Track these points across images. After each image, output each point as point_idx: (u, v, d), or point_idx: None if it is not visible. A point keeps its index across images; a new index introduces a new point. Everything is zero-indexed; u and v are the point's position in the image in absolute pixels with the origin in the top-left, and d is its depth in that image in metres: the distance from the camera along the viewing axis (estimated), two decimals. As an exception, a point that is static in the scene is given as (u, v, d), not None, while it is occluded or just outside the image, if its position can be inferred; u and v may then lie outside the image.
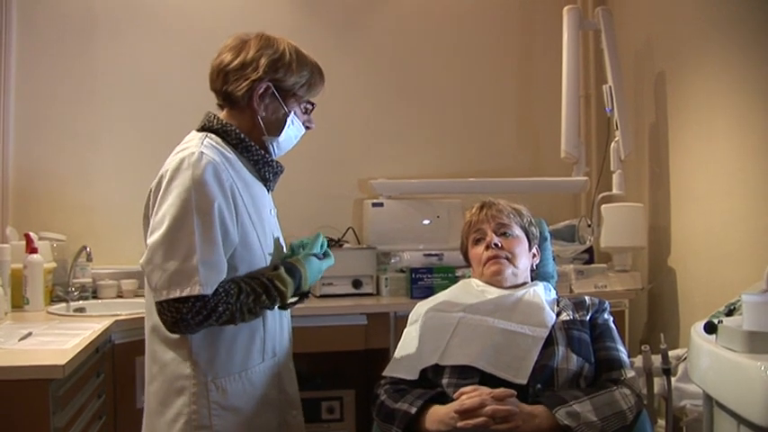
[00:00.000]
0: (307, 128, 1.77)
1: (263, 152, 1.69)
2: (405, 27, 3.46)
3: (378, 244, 3.10)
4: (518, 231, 2.03)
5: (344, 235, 3.24)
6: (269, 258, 1.68)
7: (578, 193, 3.51)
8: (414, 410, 1.67)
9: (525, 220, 2.07)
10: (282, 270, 1.63)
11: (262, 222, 1.67)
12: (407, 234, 3.17)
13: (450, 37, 3.50)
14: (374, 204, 3.19)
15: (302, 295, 1.72)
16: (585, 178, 3.30)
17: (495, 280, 1.97)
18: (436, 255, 2.97)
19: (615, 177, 3.17)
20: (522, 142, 3.58)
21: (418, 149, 3.45)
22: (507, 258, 1.97)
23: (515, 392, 1.64)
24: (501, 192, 2.80)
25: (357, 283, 2.94)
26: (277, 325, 1.73)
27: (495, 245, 1.98)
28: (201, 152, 1.56)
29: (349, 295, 2.92)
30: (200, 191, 1.52)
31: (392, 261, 3.04)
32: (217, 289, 1.52)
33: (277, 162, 1.74)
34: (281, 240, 1.80)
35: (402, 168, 3.39)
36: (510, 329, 1.79)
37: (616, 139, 3.16)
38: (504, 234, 2.01)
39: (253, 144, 1.67)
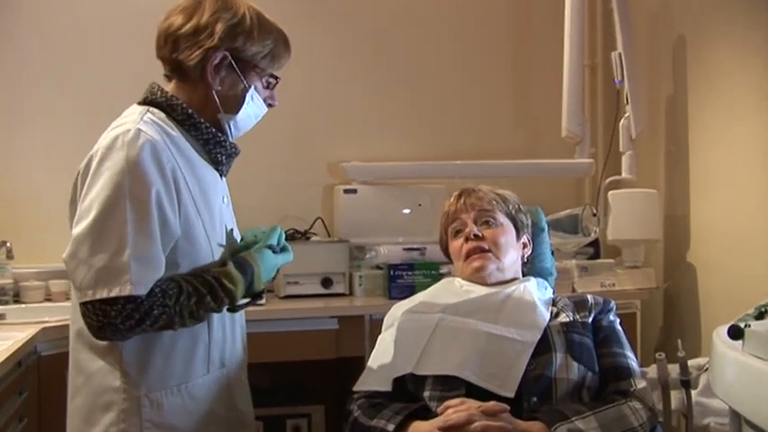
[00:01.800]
0: (269, 105, 1.76)
1: (213, 130, 1.67)
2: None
3: (350, 236, 3.10)
4: (503, 219, 2.04)
5: (312, 226, 3.23)
6: (218, 253, 1.66)
7: (582, 177, 3.51)
8: (391, 427, 1.66)
9: (511, 207, 2.08)
10: (231, 266, 1.62)
11: (210, 211, 1.65)
12: (385, 225, 3.17)
13: (434, -2, 3.51)
14: (346, 191, 3.19)
15: (255, 296, 1.71)
16: (590, 160, 3.31)
17: (477, 277, 1.98)
18: (418, 249, 2.98)
19: (625, 159, 3.17)
20: (517, 119, 3.58)
21: (397, 129, 3.45)
22: (490, 251, 1.98)
23: (508, 407, 1.63)
24: (492, 176, 2.79)
25: (327, 282, 2.94)
26: (227, 330, 1.71)
27: (475, 235, 1.98)
28: (139, 129, 1.54)
29: (317, 296, 2.92)
30: (136, 174, 1.49)
31: (367, 256, 3.04)
32: (152, 289, 1.49)
33: (231, 142, 1.72)
34: (237, 232, 1.78)
35: (378, 150, 3.38)
36: (495, 333, 1.78)
37: (626, 115, 3.16)
38: (486, 223, 2.02)
39: (202, 121, 1.65)
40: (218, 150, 1.69)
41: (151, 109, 1.64)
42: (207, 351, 1.66)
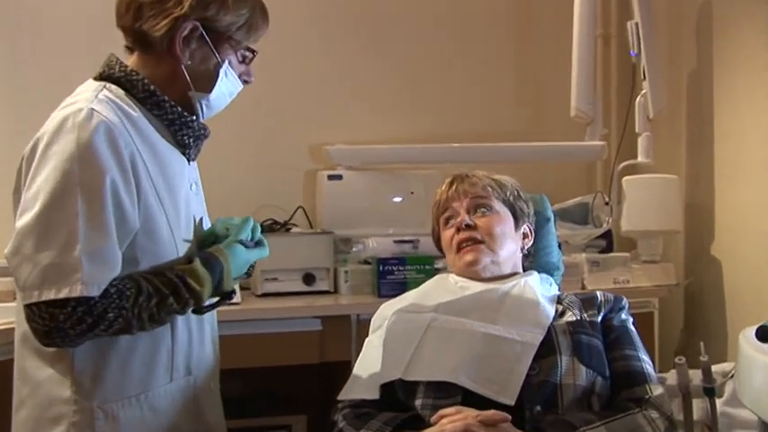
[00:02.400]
0: (244, 82, 1.74)
1: (179, 110, 1.65)
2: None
3: (335, 228, 3.10)
4: (498, 207, 2.06)
5: (292, 216, 3.23)
6: (183, 248, 1.65)
7: (593, 161, 3.51)
8: (380, 440, 1.67)
9: (509, 193, 2.09)
10: (198, 263, 1.60)
11: (175, 202, 1.64)
12: (373, 215, 3.18)
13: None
14: (330, 177, 3.19)
15: (224, 295, 1.70)
16: (602, 143, 3.31)
17: (470, 271, 2.00)
18: (410, 241, 2.98)
19: (641, 141, 3.17)
20: (521, 97, 3.57)
21: (387, 108, 3.44)
22: (483, 242, 2.00)
23: (509, 416, 1.63)
24: (493, 161, 2.80)
25: (309, 278, 2.94)
26: (194, 333, 1.71)
27: (467, 225, 2.00)
28: (92, 109, 1.52)
29: (298, 293, 2.92)
30: (88, 159, 1.48)
31: (353, 250, 3.05)
32: (107, 289, 1.47)
33: (200, 123, 1.70)
34: (207, 223, 1.77)
35: (366, 132, 3.38)
36: (493, 334, 1.79)
37: (643, 91, 3.15)
38: (480, 212, 2.05)
39: (166, 99, 1.63)
40: (184, 132, 1.68)
41: (108, 85, 1.62)
42: (170, 356, 1.65)
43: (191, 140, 1.70)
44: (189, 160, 1.73)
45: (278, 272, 2.91)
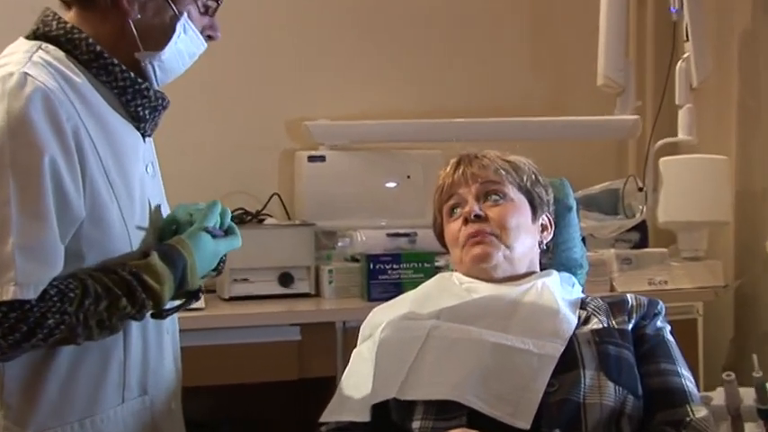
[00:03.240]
0: (208, 38, 1.74)
1: (132, 75, 1.65)
2: None
3: (317, 218, 3.11)
4: (513, 194, 2.04)
5: (266, 206, 3.24)
6: (138, 240, 1.64)
7: (624, 139, 3.53)
8: (370, 470, 1.69)
9: (526, 178, 2.08)
10: (156, 257, 1.60)
11: (128, 185, 1.63)
12: (362, 203, 3.19)
13: None
14: (311, 158, 3.20)
15: (189, 296, 1.70)
16: (636, 117, 3.32)
17: (479, 270, 1.99)
18: (406, 235, 3.00)
19: (683, 116, 3.19)
20: (537, 64, 3.59)
21: (378, 76, 3.45)
22: (495, 235, 1.99)
23: (524, 442, 1.65)
24: (504, 139, 2.79)
25: (285, 279, 2.95)
26: (151, 344, 1.70)
27: (476, 216, 1.99)
28: (26, 73, 1.52)
29: (273, 297, 2.94)
30: (21, 134, 1.47)
31: (339, 245, 3.06)
32: (46, 290, 1.47)
33: (157, 91, 1.70)
34: (166, 212, 1.77)
35: (354, 104, 3.39)
36: (505, 345, 1.79)
37: (685, 55, 3.17)
38: (491, 199, 2.03)
39: (116, 62, 1.63)
40: (138, 102, 1.67)
41: (44, 45, 1.61)
42: (122, 372, 1.64)
43: (146, 112, 1.69)
44: (144, 136, 1.72)
45: (249, 271, 2.92)
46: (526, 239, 2.03)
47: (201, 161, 3.23)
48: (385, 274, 2.89)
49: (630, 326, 1.91)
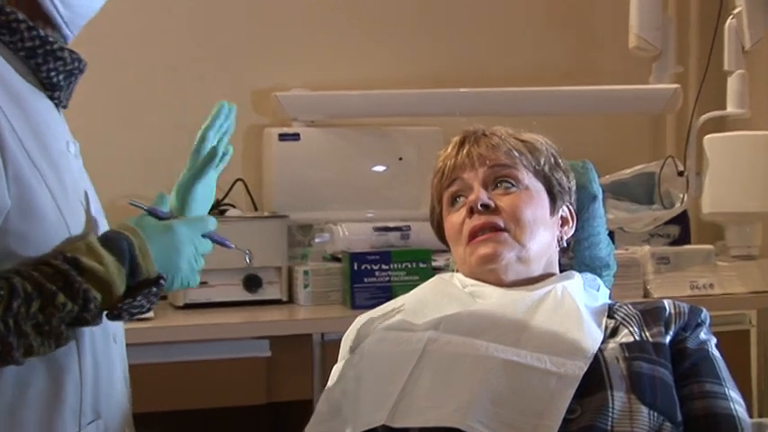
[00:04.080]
0: None
1: (42, 33, 1.62)
2: None
3: (290, 209, 3.12)
4: (529, 180, 2.03)
5: (228, 194, 3.26)
6: (78, 230, 1.62)
7: (661, 113, 3.54)
8: None
9: (544, 161, 2.06)
10: (93, 238, 1.57)
11: (56, 167, 1.57)
12: (344, 191, 3.21)
13: None
14: (283, 137, 3.21)
15: (147, 285, 1.66)
16: (675, 86, 3.33)
17: (487, 271, 1.97)
18: (397, 229, 3.01)
19: (732, 84, 3.20)
20: (558, 23, 3.61)
21: (365, 39, 3.47)
22: (507, 230, 1.97)
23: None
24: (516, 113, 2.79)
25: (252, 282, 2.97)
26: (99, 356, 1.64)
27: (485, 206, 1.97)
28: None
29: (238, 304, 2.95)
30: None
31: (316, 241, 3.08)
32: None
33: (72, 53, 1.68)
34: (95, 202, 1.75)
35: (334, 72, 3.41)
36: (518, 362, 1.78)
37: (736, 10, 3.17)
38: (502, 186, 2.02)
39: (21, 18, 1.60)
40: (51, 66, 1.62)
41: None
42: (78, 394, 1.59)
43: (60, 78, 1.64)
44: (58, 107, 1.70)
45: (207, 273, 2.79)
46: (543, 235, 2.01)
47: (146, 142, 3.22)
48: (372, 277, 2.90)
49: (668, 339, 1.89)
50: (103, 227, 1.72)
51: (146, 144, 3.19)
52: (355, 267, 2.90)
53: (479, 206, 1.98)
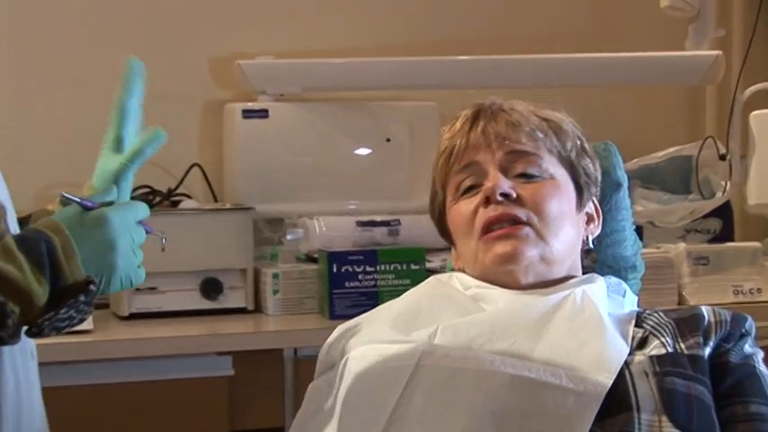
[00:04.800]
0: None
1: None
2: None
3: (257, 200, 3.13)
4: (554, 167, 2.02)
5: (182, 182, 3.28)
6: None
7: (699, 85, 3.57)
8: None
9: (570, 145, 2.05)
10: (9, 240, 1.57)
11: None
12: (322, 179, 3.23)
13: None
14: (248, 114, 3.22)
15: (77, 292, 1.67)
16: (716, 53, 3.34)
17: (502, 272, 1.96)
18: (385, 223, 3.03)
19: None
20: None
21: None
22: (530, 225, 1.96)
23: None
24: (530, 85, 2.80)
25: (211, 287, 2.98)
26: (20, 376, 1.69)
27: (504, 195, 1.96)
28: None
29: (194, 313, 2.97)
30: None
31: (288, 238, 3.09)
32: None
33: None
34: (7, 203, 1.75)
35: (309, 36, 3.44)
36: (530, 377, 1.78)
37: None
38: (524, 174, 2.00)
39: None
40: None
41: None
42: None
43: None
44: None
45: (157, 276, 2.86)
46: (569, 233, 2.00)
47: (83, 122, 3.16)
48: (354, 281, 2.91)
49: (707, 351, 1.89)
50: (12, 222, 1.73)
51: (82, 125, 3.17)
52: (334, 269, 2.91)
53: (499, 195, 1.96)
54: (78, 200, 1.68)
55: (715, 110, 3.61)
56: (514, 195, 1.97)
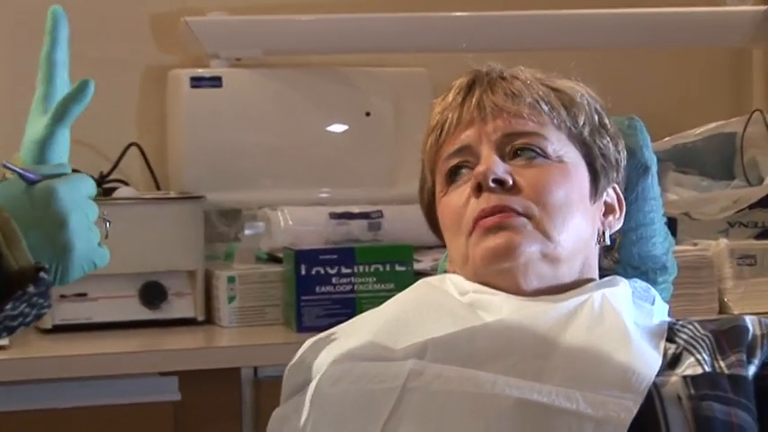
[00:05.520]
0: None
1: None
2: None
3: (208, 188, 3.15)
4: (562, 147, 2.00)
5: (117, 165, 3.30)
6: None
7: (743, 47, 3.59)
8: None
9: (584, 120, 2.03)
10: None
11: None
12: (287, 161, 3.26)
13: None
14: (197, 82, 3.24)
15: (27, 282, 1.67)
16: (764, 8, 3.36)
17: (497, 272, 1.94)
18: (364, 215, 3.06)
19: None
20: None
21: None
22: (528, 216, 1.95)
23: None
24: (535, 47, 2.82)
25: (152, 293, 3.01)
26: None
27: (498, 181, 1.94)
28: None
29: (132, 325, 2.99)
30: None
31: (247, 233, 3.10)
32: None
33: None
34: None
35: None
36: (539, 402, 1.78)
37: None
38: (524, 154, 1.99)
39: None
40: None
41: None
42: None
43: None
44: None
45: (88, 280, 2.80)
46: (579, 226, 1.98)
47: (18, 89, 3.21)
48: (327, 285, 2.93)
49: (751, 370, 1.89)
50: None
51: (16, 91, 3.20)
52: (303, 272, 2.92)
53: (491, 181, 1.94)
54: (20, 171, 1.70)
55: (763, 78, 3.64)
56: (511, 182, 1.95)
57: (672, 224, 2.34)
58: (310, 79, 3.31)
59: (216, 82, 3.23)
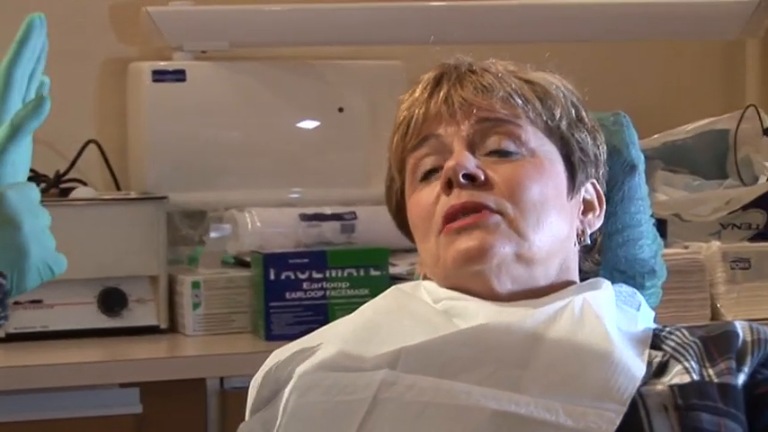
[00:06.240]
0: None
1: None
2: None
3: (171, 188, 3.16)
4: (537, 141, 2.01)
5: (75, 163, 3.31)
6: None
7: (736, 39, 3.61)
8: None
9: (560, 113, 2.04)
10: None
11: None
12: (255, 160, 3.27)
13: None
14: (160, 76, 3.25)
15: None
16: (759, -2, 3.40)
17: (469, 276, 1.95)
18: (336, 217, 3.07)
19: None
20: None
21: None
22: (501, 213, 1.95)
23: None
24: (516, 40, 2.82)
25: (112, 300, 3.01)
26: None
27: (469, 177, 1.95)
28: None
29: (91, 333, 3.00)
30: None
31: (212, 235, 3.12)
32: None
33: None
34: None
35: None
36: (517, 413, 1.80)
37: None
38: (497, 151, 1.99)
39: None
40: None
41: None
42: None
43: None
44: None
45: (44, 286, 2.75)
46: (556, 225, 1.99)
47: None
48: (298, 290, 2.94)
49: (741, 379, 1.90)
50: None
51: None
52: (272, 276, 2.94)
53: (461, 177, 1.94)
54: None
55: (757, 71, 3.65)
56: (483, 178, 1.95)
57: (661, 226, 2.35)
58: (280, 73, 3.32)
59: (179, 75, 3.24)
